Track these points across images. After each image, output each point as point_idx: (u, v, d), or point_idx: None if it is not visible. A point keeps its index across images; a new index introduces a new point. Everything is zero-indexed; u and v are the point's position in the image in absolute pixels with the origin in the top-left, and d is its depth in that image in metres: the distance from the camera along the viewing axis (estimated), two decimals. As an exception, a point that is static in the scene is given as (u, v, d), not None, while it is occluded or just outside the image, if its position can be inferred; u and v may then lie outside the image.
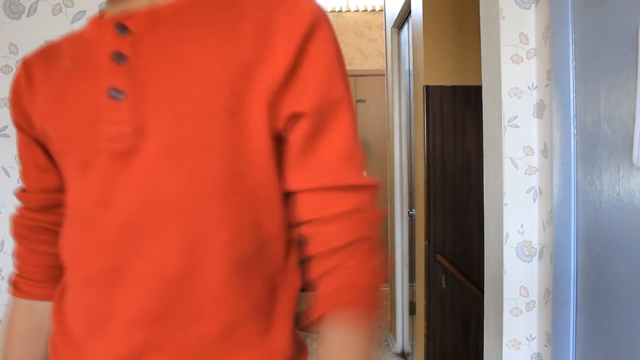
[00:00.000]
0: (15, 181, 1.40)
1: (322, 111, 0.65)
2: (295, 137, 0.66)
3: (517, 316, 1.44)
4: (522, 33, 1.42)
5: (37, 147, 0.76)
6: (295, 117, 0.65)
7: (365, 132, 5.55)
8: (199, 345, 0.64)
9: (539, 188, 1.43)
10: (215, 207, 0.64)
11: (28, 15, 1.40)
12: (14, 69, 1.40)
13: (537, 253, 1.43)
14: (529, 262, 1.44)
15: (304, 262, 0.69)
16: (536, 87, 1.42)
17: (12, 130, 1.41)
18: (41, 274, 0.79)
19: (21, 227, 0.80)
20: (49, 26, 1.40)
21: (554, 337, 1.33)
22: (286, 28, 0.64)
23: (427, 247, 2.69)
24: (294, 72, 0.64)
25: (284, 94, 0.64)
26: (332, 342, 0.63)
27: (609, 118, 1.10)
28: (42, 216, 0.79)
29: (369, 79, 5.50)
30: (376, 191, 0.70)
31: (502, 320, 1.45)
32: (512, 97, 1.42)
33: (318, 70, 0.65)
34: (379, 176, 0.76)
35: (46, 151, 0.75)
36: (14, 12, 1.40)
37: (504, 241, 1.44)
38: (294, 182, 0.67)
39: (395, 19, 3.54)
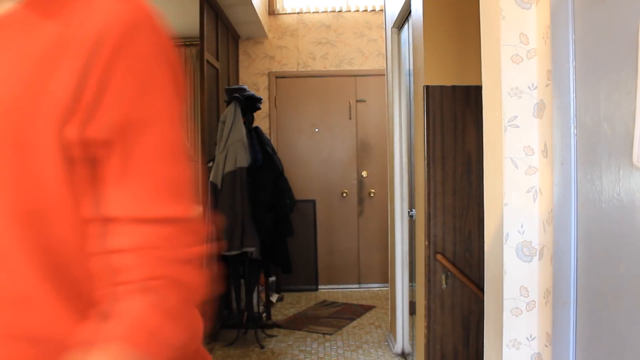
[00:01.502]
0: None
1: (125, 136, 0.61)
2: (101, 165, 0.62)
3: (517, 316, 1.44)
4: (522, 33, 1.42)
5: None
6: (94, 143, 0.61)
7: (365, 132, 5.55)
8: None
9: (539, 188, 1.43)
10: (12, 243, 0.61)
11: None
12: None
13: (537, 253, 1.43)
14: (529, 262, 1.44)
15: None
16: (536, 87, 1.42)
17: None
18: None
19: None
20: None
21: (554, 337, 1.33)
22: (75, 42, 0.59)
23: (427, 247, 2.69)
24: (82, 94, 0.59)
25: (76, 119, 0.60)
26: None
27: (609, 118, 1.10)
28: None
29: (369, 79, 5.50)
30: (188, 225, 0.64)
31: (502, 320, 1.45)
32: (512, 97, 1.42)
33: (116, 90, 0.60)
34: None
35: None
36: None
37: (504, 241, 1.44)
38: (103, 209, 0.63)
39: (395, 19, 3.54)
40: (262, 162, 4.00)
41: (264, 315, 4.26)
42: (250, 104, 4.04)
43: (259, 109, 4.21)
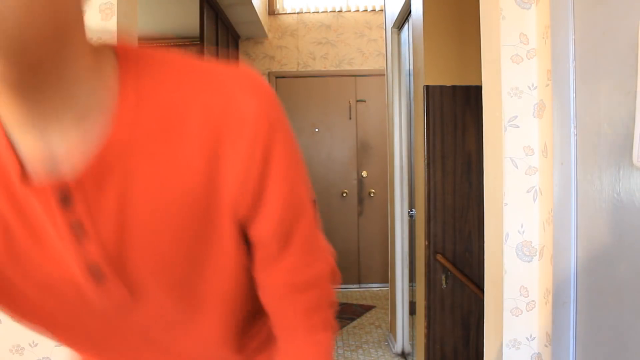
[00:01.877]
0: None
1: (288, 224, 0.69)
2: (264, 246, 0.70)
3: (517, 316, 1.44)
4: (522, 33, 1.42)
5: None
6: (263, 233, 0.68)
7: (365, 132, 5.55)
8: None
9: (539, 188, 1.43)
10: (210, 317, 0.72)
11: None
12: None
13: (537, 253, 1.43)
14: (529, 262, 1.43)
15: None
16: (536, 87, 1.42)
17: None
18: None
19: None
20: (49, 26, 1.40)
21: (554, 337, 1.33)
22: (239, 152, 0.60)
23: (427, 247, 2.69)
24: (259, 198, 0.64)
25: (251, 217, 0.66)
26: None
27: (609, 118, 1.10)
28: None
29: (369, 79, 5.50)
30: (332, 268, 0.77)
31: (502, 320, 1.45)
32: (512, 97, 1.42)
33: (282, 191, 0.65)
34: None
35: None
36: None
37: (504, 241, 1.44)
38: (261, 276, 0.73)
39: (395, 19, 3.54)
40: (262, 162, 4.00)
41: (264, 315, 4.26)
42: (250, 104, 4.03)
43: (259, 109, 4.20)
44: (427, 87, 2.66)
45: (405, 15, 3.33)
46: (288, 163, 0.64)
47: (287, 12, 5.55)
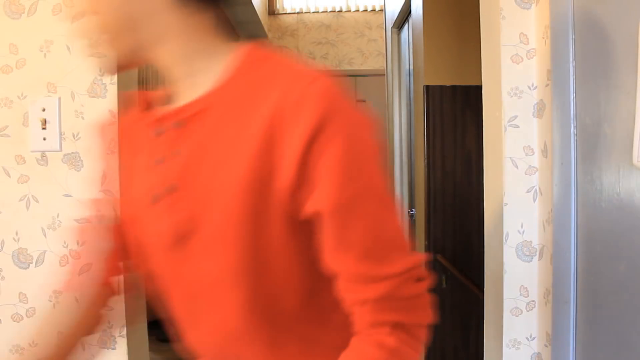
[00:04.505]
0: (15, 181, 1.39)
1: (341, 209, 0.69)
2: (322, 230, 0.71)
3: (517, 316, 1.44)
4: (522, 33, 1.42)
5: None
6: (315, 214, 0.70)
7: (365, 132, 5.55)
8: None
9: (539, 188, 1.43)
10: (238, 289, 0.75)
11: (28, 15, 1.40)
12: (14, 69, 1.40)
13: (537, 253, 1.43)
14: (529, 262, 1.44)
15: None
16: (536, 87, 1.42)
17: (12, 130, 1.41)
18: None
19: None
20: (49, 26, 1.40)
21: (554, 337, 1.34)
22: (290, 131, 0.67)
23: (427, 247, 2.69)
24: (304, 178, 0.68)
25: (299, 196, 0.69)
26: None
27: (609, 118, 1.10)
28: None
29: (369, 79, 5.50)
30: (409, 274, 0.72)
31: (502, 320, 1.45)
32: (512, 97, 1.42)
33: (329, 172, 0.68)
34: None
35: None
36: (14, 12, 1.40)
37: (504, 241, 1.44)
38: (327, 265, 0.73)
39: (395, 19, 3.54)
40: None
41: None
42: (250, 104, 4.03)
43: (259, 109, 4.21)
44: (427, 87, 2.66)
45: (405, 15, 3.33)
46: (340, 149, 0.67)
47: (287, 12, 5.56)
